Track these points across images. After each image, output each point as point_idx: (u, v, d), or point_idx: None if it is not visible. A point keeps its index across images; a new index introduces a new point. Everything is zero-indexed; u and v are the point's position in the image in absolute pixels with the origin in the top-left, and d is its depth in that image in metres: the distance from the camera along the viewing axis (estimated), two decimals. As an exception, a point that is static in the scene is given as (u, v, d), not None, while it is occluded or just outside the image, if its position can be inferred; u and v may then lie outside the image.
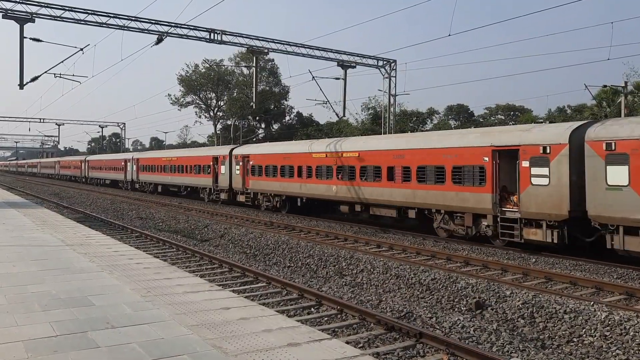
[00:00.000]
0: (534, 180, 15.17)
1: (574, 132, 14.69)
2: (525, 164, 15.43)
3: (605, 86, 36.73)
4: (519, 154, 15.63)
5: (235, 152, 31.79)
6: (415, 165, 19.22)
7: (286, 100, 74.28)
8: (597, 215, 13.89)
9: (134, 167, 49.15)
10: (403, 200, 19.83)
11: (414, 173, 19.25)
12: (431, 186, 18.59)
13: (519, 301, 10.58)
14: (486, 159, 16.53)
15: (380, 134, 35.14)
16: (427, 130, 52.47)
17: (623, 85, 34.03)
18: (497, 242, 16.78)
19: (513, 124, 52.57)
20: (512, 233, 15.90)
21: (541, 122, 23.56)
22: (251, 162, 29.95)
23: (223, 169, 32.68)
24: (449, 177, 17.85)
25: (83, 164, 66.27)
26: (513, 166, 16.07)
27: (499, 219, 16.21)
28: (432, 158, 18.67)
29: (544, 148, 14.93)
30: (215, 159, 33.51)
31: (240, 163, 30.90)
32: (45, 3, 22.77)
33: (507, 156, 16.24)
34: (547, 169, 14.85)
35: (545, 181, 14.93)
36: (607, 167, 13.64)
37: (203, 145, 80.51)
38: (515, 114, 72.04)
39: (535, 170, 15.16)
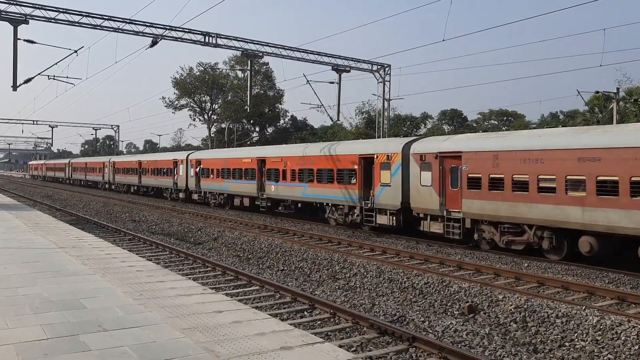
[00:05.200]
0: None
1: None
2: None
3: (597, 92, 37.02)
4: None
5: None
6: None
7: (280, 104, 74.52)
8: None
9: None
10: None
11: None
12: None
13: (511, 305, 10.62)
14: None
15: (375, 137, 35.12)
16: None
17: (615, 91, 34.32)
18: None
19: (511, 129, 52.52)
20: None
21: (533, 128, 23.87)
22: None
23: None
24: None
25: (183, 165, 37.82)
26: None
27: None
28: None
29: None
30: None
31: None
32: (39, 5, 22.69)
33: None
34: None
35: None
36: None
37: (198, 148, 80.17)
38: (509, 120, 72.48)
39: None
